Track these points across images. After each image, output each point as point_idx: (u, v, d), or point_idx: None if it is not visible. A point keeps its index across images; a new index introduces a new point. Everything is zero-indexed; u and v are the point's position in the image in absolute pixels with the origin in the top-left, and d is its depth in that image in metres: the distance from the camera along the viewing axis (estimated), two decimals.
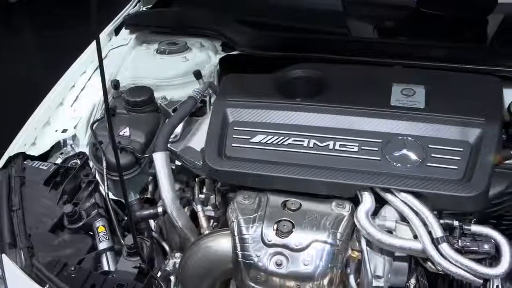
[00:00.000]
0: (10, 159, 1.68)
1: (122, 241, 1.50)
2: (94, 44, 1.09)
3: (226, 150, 1.51)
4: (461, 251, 1.25)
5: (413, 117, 1.48)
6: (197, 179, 1.65)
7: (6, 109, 3.71)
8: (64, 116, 1.88)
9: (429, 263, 1.28)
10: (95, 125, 1.76)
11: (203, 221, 1.58)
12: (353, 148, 1.45)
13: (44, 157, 1.74)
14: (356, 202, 1.38)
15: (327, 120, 1.51)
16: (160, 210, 1.57)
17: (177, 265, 1.60)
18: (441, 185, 1.32)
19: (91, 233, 1.56)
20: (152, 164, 1.57)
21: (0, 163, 1.68)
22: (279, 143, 1.49)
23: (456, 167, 1.37)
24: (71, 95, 1.96)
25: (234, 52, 2.05)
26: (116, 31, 2.32)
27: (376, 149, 1.44)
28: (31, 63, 4.47)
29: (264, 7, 2.18)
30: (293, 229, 1.35)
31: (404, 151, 1.42)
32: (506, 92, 1.66)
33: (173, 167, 1.69)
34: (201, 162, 1.55)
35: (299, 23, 2.12)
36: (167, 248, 1.67)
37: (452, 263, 1.22)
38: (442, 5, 2.12)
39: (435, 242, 1.24)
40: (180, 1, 2.46)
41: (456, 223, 1.31)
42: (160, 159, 1.53)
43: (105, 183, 1.60)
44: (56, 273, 1.35)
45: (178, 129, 1.71)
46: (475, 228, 1.31)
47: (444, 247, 1.23)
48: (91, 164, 1.72)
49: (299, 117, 1.53)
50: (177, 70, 1.97)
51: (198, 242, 1.47)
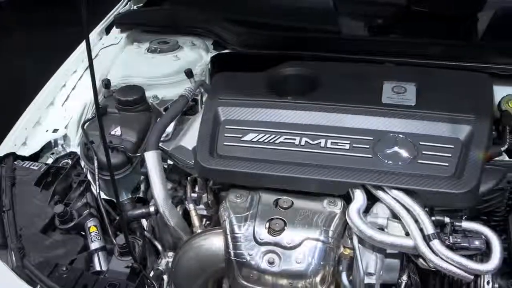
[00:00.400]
0: (1, 159, 1.67)
1: (114, 241, 1.49)
2: (84, 43, 1.08)
3: (218, 149, 1.51)
4: (452, 247, 1.26)
5: (404, 115, 1.49)
6: (189, 178, 1.65)
7: None
8: (55, 116, 1.87)
9: (421, 260, 1.28)
10: (86, 125, 1.75)
11: (195, 220, 1.58)
12: (344, 145, 1.45)
13: (35, 157, 1.73)
14: (348, 199, 1.39)
15: (319, 118, 1.52)
16: (152, 209, 1.57)
17: (169, 265, 1.60)
18: (432, 182, 1.33)
19: (83, 233, 1.55)
20: (144, 163, 1.57)
21: None
22: (271, 141, 1.49)
23: (447, 164, 1.37)
24: (62, 94, 1.95)
25: (226, 51, 2.04)
26: (107, 30, 2.30)
27: (367, 146, 1.44)
28: (22, 63, 4.44)
29: (255, 5, 2.17)
30: (285, 227, 1.35)
31: (396, 148, 1.42)
32: (496, 89, 1.67)
33: (165, 166, 1.68)
34: (193, 161, 1.55)
35: (290, 22, 2.12)
36: (159, 247, 1.67)
37: (443, 259, 1.23)
38: (433, 2, 2.12)
39: (427, 238, 1.25)
40: (171, 0, 2.45)
41: (447, 219, 1.32)
42: (151, 158, 1.53)
43: (97, 182, 1.59)
44: (47, 273, 1.35)
45: (170, 128, 1.71)
46: (466, 224, 1.32)
47: (436, 243, 1.24)
48: (82, 164, 1.72)
49: (291, 115, 1.54)
50: (168, 69, 1.96)
51: (191, 241, 1.47)
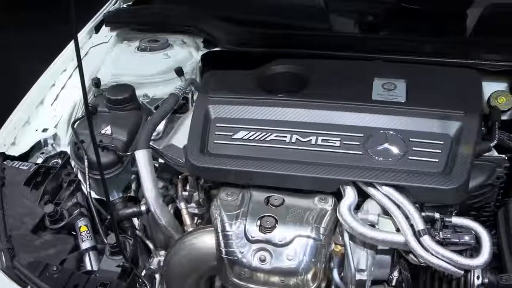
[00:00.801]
0: None
1: (105, 240, 1.49)
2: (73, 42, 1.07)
3: (209, 147, 1.50)
4: (442, 243, 1.27)
5: (394, 111, 1.50)
6: (180, 176, 1.65)
7: None
8: (45, 115, 1.85)
9: (411, 256, 1.29)
10: (76, 124, 1.74)
11: (187, 219, 1.58)
12: (335, 142, 1.45)
13: (24, 157, 1.72)
14: (338, 196, 1.39)
15: (309, 115, 1.52)
16: (143, 208, 1.57)
17: (161, 263, 1.60)
18: (423, 178, 1.33)
19: (74, 233, 1.55)
20: (134, 162, 1.56)
21: None
22: (262, 139, 1.49)
23: (437, 160, 1.38)
24: (51, 93, 1.93)
25: (216, 49, 2.04)
26: (97, 28, 2.29)
27: (358, 143, 1.44)
28: (13, 62, 4.40)
29: (245, 3, 2.17)
30: (277, 225, 1.35)
31: (386, 145, 1.43)
32: (485, 85, 1.68)
33: (156, 165, 1.68)
34: (183, 159, 1.55)
35: (280, 19, 2.12)
36: (151, 246, 1.67)
37: (433, 255, 1.24)
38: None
39: (417, 234, 1.26)
40: None
41: (437, 215, 1.32)
42: (142, 157, 1.52)
43: (87, 182, 1.58)
44: (38, 274, 1.34)
45: (160, 127, 1.70)
46: (455, 220, 1.32)
47: (426, 239, 1.25)
48: (72, 163, 1.71)
49: (281, 113, 1.54)
50: (158, 68, 1.95)
51: (182, 239, 1.47)
